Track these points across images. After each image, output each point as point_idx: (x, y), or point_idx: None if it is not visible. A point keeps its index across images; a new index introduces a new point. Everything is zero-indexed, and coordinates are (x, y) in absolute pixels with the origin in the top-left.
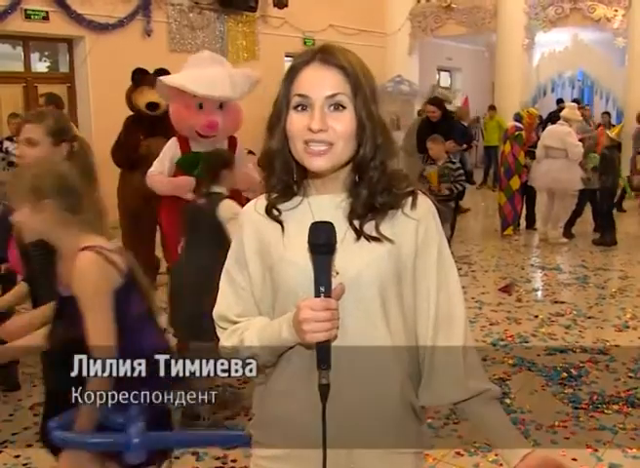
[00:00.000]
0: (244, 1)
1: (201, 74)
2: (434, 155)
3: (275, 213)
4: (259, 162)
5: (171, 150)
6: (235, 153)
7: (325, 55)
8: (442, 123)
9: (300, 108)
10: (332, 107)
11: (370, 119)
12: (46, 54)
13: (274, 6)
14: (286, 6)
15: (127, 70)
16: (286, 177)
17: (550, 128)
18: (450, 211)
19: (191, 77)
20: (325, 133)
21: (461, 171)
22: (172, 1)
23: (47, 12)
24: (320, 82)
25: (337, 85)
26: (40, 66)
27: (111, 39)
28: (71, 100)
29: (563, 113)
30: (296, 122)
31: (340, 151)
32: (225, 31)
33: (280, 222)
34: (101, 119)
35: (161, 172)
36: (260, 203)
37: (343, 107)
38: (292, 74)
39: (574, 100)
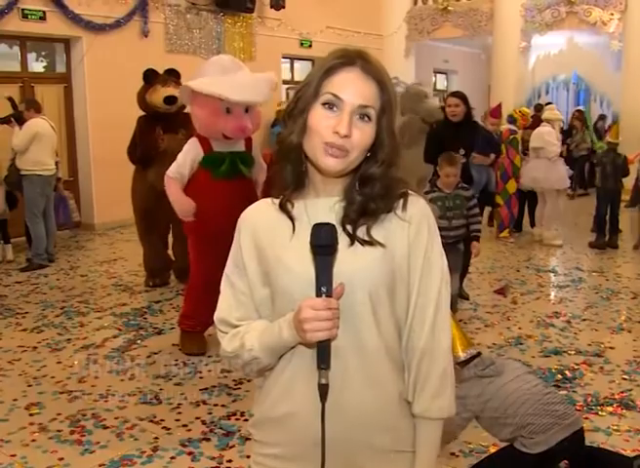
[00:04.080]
0: (241, 2)
1: (231, 80)
2: (448, 184)
3: (289, 207)
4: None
5: (193, 151)
6: (252, 152)
7: (366, 63)
8: (465, 125)
9: (327, 106)
10: (358, 116)
11: (390, 137)
12: (43, 54)
13: (271, 7)
14: (283, 7)
15: (124, 71)
16: (299, 169)
17: (536, 130)
18: (459, 254)
19: (222, 83)
20: (348, 139)
21: (476, 200)
22: (169, 2)
23: (44, 12)
24: (357, 89)
25: (371, 97)
26: (37, 66)
27: (108, 39)
28: (68, 101)
29: (544, 115)
30: (321, 119)
31: (354, 159)
32: (222, 32)
33: (292, 219)
34: (98, 119)
35: (182, 174)
36: (258, 207)
37: (369, 119)
38: (329, 71)
39: (547, 104)
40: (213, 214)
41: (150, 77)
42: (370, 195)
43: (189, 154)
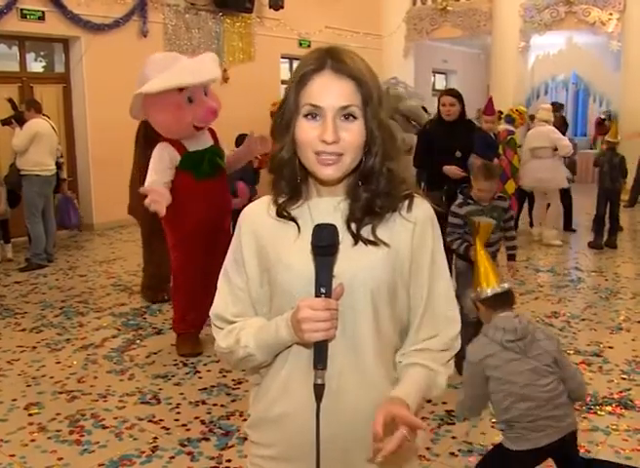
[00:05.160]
0: (240, 2)
1: (180, 70)
2: (482, 198)
3: (286, 214)
4: (268, 169)
5: (167, 155)
6: (219, 143)
7: (336, 62)
8: (460, 124)
9: (310, 117)
10: (343, 117)
11: (380, 129)
12: (42, 54)
13: (270, 7)
14: (282, 7)
15: (123, 71)
16: (294, 182)
17: (534, 130)
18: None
19: (174, 75)
20: (336, 144)
21: (512, 212)
22: (168, 2)
23: (43, 12)
24: (333, 92)
25: (349, 96)
26: (36, 66)
27: (107, 39)
28: (67, 101)
29: (539, 115)
30: (307, 131)
31: (350, 161)
32: (221, 32)
33: (295, 220)
34: (97, 119)
35: (165, 183)
36: (260, 205)
37: (354, 118)
38: (302, 81)
39: (552, 103)
40: (201, 217)
41: None
42: (375, 191)
43: (164, 159)
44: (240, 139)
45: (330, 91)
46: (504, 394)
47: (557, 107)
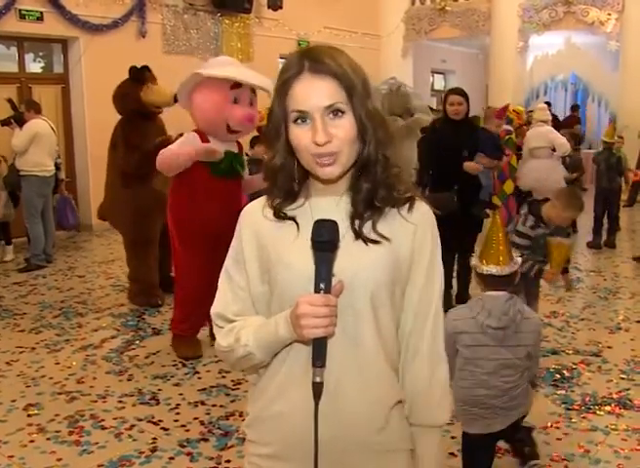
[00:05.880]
0: (238, 2)
1: (238, 69)
2: (563, 224)
3: (283, 215)
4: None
5: (192, 143)
6: (242, 154)
7: (313, 63)
8: (466, 125)
9: (299, 121)
10: (331, 115)
11: (369, 117)
12: (40, 54)
13: (268, 7)
14: (280, 7)
15: (121, 71)
16: (289, 186)
17: (532, 130)
18: (537, 285)
19: (231, 71)
20: (330, 143)
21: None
22: (166, 2)
23: (41, 12)
24: (315, 94)
25: (332, 94)
26: (34, 67)
27: (106, 40)
28: (65, 101)
29: (536, 116)
30: (300, 136)
31: (347, 156)
32: (220, 33)
33: (294, 219)
34: (96, 120)
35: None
36: (261, 205)
37: (342, 112)
38: (284, 89)
39: (546, 103)
40: (212, 216)
41: (142, 75)
42: (374, 181)
43: (187, 146)
44: (253, 142)
45: (312, 93)
46: (466, 373)
47: (575, 108)
